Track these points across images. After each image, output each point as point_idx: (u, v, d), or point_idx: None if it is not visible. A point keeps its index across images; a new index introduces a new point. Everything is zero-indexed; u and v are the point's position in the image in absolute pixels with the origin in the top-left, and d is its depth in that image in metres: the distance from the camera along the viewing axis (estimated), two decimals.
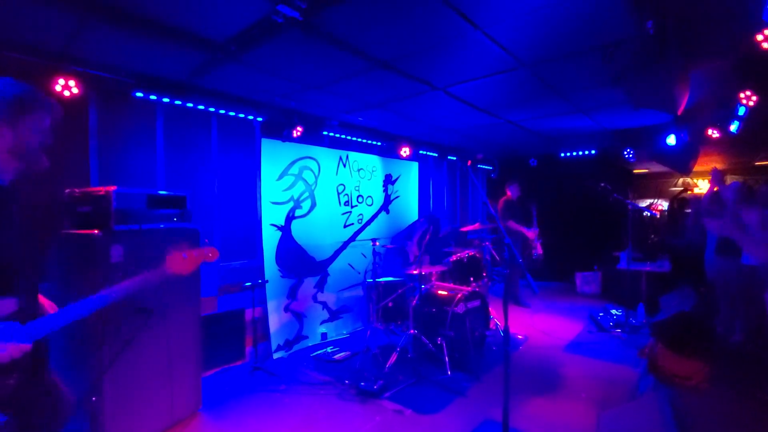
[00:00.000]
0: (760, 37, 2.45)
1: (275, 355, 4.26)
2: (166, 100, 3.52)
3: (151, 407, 2.74)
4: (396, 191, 5.99)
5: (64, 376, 2.66)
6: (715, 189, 4.60)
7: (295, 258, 4.57)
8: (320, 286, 4.85)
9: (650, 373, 3.66)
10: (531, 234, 6.02)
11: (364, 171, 5.46)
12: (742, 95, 3.47)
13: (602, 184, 5.01)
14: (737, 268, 4.38)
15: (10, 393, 1.32)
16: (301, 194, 4.63)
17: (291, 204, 4.52)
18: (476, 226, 5.29)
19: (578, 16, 2.48)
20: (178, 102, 3.61)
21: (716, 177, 4.56)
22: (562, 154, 7.40)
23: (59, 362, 2.69)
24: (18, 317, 1.35)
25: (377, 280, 4.37)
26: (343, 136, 5.29)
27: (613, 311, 5.46)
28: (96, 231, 2.49)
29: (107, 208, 2.53)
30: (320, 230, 4.84)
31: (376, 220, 5.58)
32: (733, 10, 2.41)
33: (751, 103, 3.49)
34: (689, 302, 4.48)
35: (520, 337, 4.74)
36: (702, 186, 8.62)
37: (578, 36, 2.75)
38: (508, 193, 6.22)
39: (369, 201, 5.52)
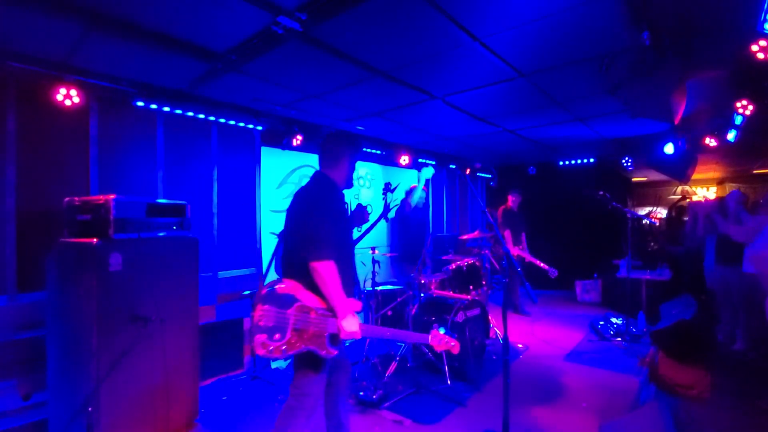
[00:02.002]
0: (755, 48, 2.48)
1: (274, 365, 4.22)
2: (166, 109, 3.54)
3: (147, 417, 2.71)
4: (395, 199, 5.99)
5: (61, 386, 2.64)
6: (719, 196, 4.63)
7: None
8: None
9: (651, 382, 3.64)
10: (514, 251, 5.89)
11: (364, 179, 5.47)
12: (738, 104, 3.50)
13: (601, 193, 5.03)
14: (738, 276, 4.37)
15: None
16: None
17: None
18: (475, 234, 5.29)
19: (575, 27, 2.51)
20: (178, 111, 3.63)
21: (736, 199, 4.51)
22: (561, 163, 7.43)
23: (56, 372, 2.68)
24: None
25: (376, 288, 4.35)
26: None
27: (614, 320, 5.44)
28: (95, 239, 2.48)
29: (106, 217, 2.53)
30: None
31: (375, 229, 5.57)
32: (728, 22, 2.44)
33: (747, 112, 3.52)
34: (690, 310, 4.46)
35: (520, 346, 4.71)
36: (700, 194, 8.65)
37: (575, 47, 2.78)
38: (510, 201, 6.23)
39: (369, 209, 5.52)
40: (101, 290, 2.46)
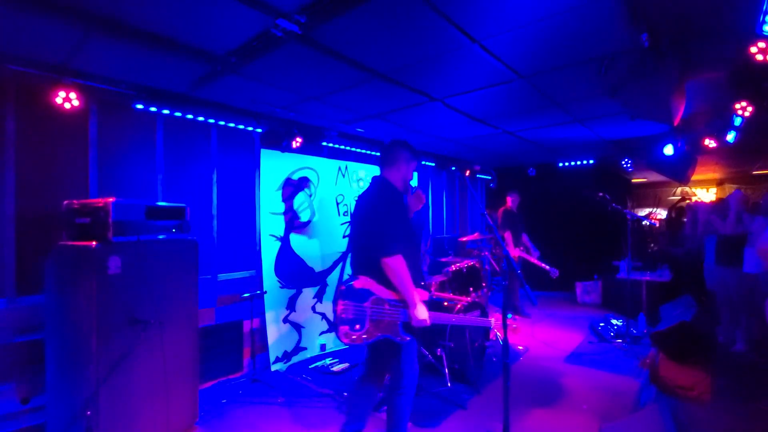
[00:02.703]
0: (754, 50, 2.48)
1: (273, 367, 4.22)
2: (166, 111, 3.54)
3: (147, 421, 2.71)
4: None
5: (59, 389, 2.64)
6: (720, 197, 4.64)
7: (294, 268, 4.56)
8: (319, 297, 4.83)
9: (652, 383, 3.63)
10: (515, 253, 5.92)
11: (364, 181, 5.47)
12: (737, 106, 3.50)
13: (601, 194, 5.03)
14: (738, 277, 4.37)
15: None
16: (301, 204, 4.63)
17: (290, 214, 4.52)
18: (475, 236, 5.29)
19: (574, 29, 2.51)
20: (178, 113, 3.63)
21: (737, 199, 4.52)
22: (561, 164, 7.43)
23: (55, 375, 2.68)
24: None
25: None
26: (343, 147, 5.32)
27: (614, 321, 5.43)
28: (94, 242, 2.48)
29: (105, 220, 2.53)
30: (319, 240, 4.83)
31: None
32: (727, 23, 2.44)
33: (746, 114, 3.52)
34: (690, 312, 4.46)
35: (520, 348, 4.70)
36: (700, 195, 8.65)
37: (574, 48, 2.78)
38: (509, 202, 6.22)
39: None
40: (100, 293, 2.46)
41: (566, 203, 7.66)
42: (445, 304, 4.06)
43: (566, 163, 7.38)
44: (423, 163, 6.68)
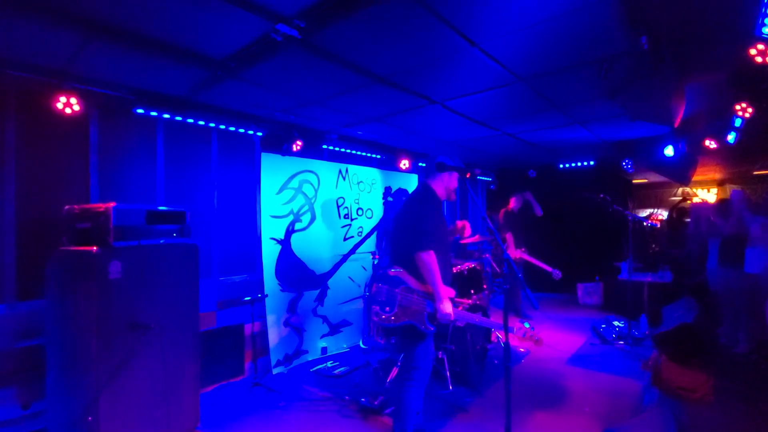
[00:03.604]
0: (753, 51, 2.48)
1: (275, 371, 4.21)
2: (166, 116, 3.55)
3: (147, 426, 2.70)
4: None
5: (60, 395, 2.63)
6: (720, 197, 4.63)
7: (295, 272, 4.55)
8: (320, 300, 4.82)
9: (654, 385, 3.62)
10: (516, 254, 5.92)
11: (364, 184, 5.47)
12: (737, 107, 3.50)
13: (602, 195, 5.02)
14: (740, 278, 4.36)
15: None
16: (301, 208, 4.63)
17: (291, 217, 4.52)
18: (476, 238, 5.28)
19: (573, 32, 2.51)
20: (178, 118, 3.64)
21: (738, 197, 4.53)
22: (561, 165, 7.43)
23: (55, 380, 2.67)
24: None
25: None
26: (343, 150, 5.32)
27: (616, 323, 5.42)
28: (94, 247, 2.48)
29: (106, 225, 2.53)
30: (320, 243, 4.83)
31: (376, 233, 5.58)
32: (726, 25, 2.45)
33: (746, 115, 3.52)
34: (692, 313, 4.44)
35: (521, 350, 4.69)
36: (701, 195, 8.64)
37: (574, 51, 2.78)
38: (511, 203, 6.24)
39: (369, 213, 5.52)
40: (101, 298, 2.46)
41: (567, 205, 7.65)
42: None
43: (567, 165, 7.38)
44: (424, 165, 6.69)
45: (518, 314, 6.09)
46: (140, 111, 3.37)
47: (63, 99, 2.92)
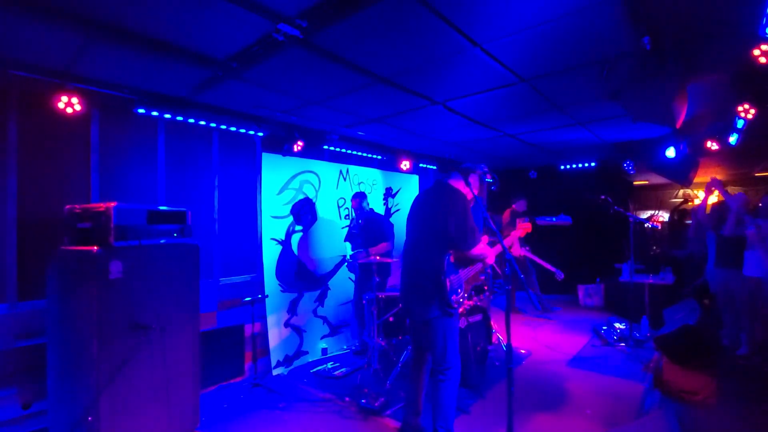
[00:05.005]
0: (756, 52, 2.47)
1: (275, 371, 4.20)
2: (167, 116, 3.55)
3: (148, 426, 2.69)
4: (397, 204, 5.99)
5: (61, 395, 2.63)
6: (720, 198, 4.62)
7: (296, 272, 4.55)
8: (321, 301, 4.82)
9: (656, 388, 3.60)
10: (521, 252, 5.95)
11: (365, 184, 5.47)
12: (740, 108, 3.49)
13: (603, 197, 5.01)
14: (739, 279, 4.34)
15: None
16: (302, 208, 4.63)
17: (291, 218, 4.52)
18: (484, 239, 5.26)
19: (575, 33, 2.50)
20: (179, 118, 3.64)
21: (717, 185, 4.57)
22: (562, 167, 7.42)
23: (56, 380, 2.67)
24: None
25: (378, 294, 4.33)
26: (344, 150, 5.32)
27: (617, 324, 5.40)
28: (95, 247, 2.48)
29: (107, 224, 2.53)
30: (321, 244, 4.82)
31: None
32: (729, 26, 2.44)
33: (749, 116, 3.50)
34: (694, 315, 4.43)
35: (522, 351, 4.68)
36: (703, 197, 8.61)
37: (576, 51, 2.78)
38: (516, 206, 6.26)
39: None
40: (101, 298, 2.46)
41: (568, 206, 7.60)
42: None
43: (568, 166, 7.36)
44: (424, 166, 6.68)
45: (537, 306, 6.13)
46: (141, 111, 3.37)
47: (65, 99, 2.92)
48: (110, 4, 2.13)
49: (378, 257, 4.21)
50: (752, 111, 3.47)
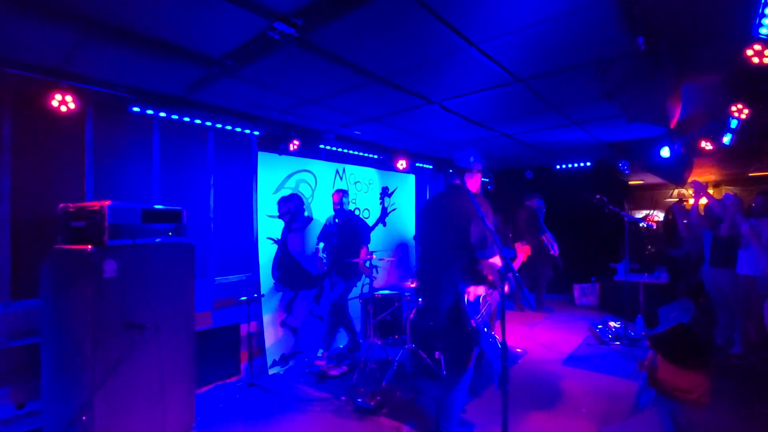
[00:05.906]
0: (750, 52, 2.49)
1: (271, 371, 4.20)
2: (162, 114, 3.53)
3: (143, 426, 2.68)
4: (393, 204, 5.99)
5: (55, 394, 2.61)
6: (704, 201, 4.68)
7: (292, 271, 4.54)
8: (317, 300, 4.81)
9: (650, 386, 3.63)
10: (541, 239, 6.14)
11: (361, 184, 5.47)
12: (734, 108, 3.51)
13: (598, 196, 5.03)
14: (732, 278, 4.38)
15: None
16: (298, 207, 4.62)
17: (287, 217, 4.51)
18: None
19: (571, 33, 2.51)
20: (174, 116, 3.62)
21: (699, 188, 4.66)
22: (558, 166, 7.45)
23: (50, 380, 2.65)
24: None
25: (374, 293, 4.33)
26: (340, 150, 5.31)
27: (612, 323, 5.43)
28: (89, 246, 2.46)
29: (101, 223, 2.52)
30: (317, 243, 4.82)
31: (373, 233, 5.58)
32: (723, 26, 2.46)
33: (743, 116, 3.53)
34: (688, 314, 4.46)
35: (518, 350, 4.69)
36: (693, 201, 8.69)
37: (571, 52, 2.79)
38: (527, 203, 6.38)
39: (366, 214, 5.51)
40: (96, 297, 2.44)
41: (563, 205, 7.66)
42: None
43: (563, 166, 7.40)
44: (421, 165, 6.69)
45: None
46: (136, 109, 3.35)
47: (59, 97, 2.90)
48: (105, 2, 2.12)
49: (373, 256, 4.21)
50: (746, 111, 3.49)
